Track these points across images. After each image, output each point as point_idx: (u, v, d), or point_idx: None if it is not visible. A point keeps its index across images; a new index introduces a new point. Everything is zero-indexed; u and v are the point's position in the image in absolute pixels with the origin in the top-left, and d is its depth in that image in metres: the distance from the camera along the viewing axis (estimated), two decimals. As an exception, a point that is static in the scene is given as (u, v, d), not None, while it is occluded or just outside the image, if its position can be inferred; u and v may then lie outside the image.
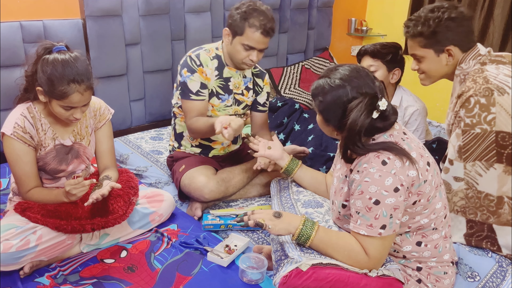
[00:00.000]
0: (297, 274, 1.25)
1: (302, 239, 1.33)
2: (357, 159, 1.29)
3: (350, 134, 1.25)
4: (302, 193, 1.71)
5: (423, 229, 1.34)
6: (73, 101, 1.50)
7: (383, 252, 1.28)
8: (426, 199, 1.29)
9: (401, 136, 1.32)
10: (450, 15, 1.64)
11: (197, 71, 1.96)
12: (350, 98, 1.27)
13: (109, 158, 1.80)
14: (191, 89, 1.96)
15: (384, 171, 1.22)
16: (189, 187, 1.95)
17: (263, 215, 1.37)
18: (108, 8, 2.50)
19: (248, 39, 1.88)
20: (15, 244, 1.47)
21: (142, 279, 1.54)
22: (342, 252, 1.29)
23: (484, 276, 1.58)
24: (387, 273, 1.28)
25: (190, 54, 1.99)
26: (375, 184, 1.22)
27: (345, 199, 1.37)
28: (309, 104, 3.31)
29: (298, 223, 1.34)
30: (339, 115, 1.30)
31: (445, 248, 1.38)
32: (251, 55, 1.92)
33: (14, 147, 1.55)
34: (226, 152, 2.20)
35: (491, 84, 1.56)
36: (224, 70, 2.03)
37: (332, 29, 3.86)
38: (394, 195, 1.22)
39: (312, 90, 1.37)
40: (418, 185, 1.26)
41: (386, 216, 1.23)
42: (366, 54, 2.20)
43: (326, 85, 1.31)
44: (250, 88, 2.13)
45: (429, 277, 1.38)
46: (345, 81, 1.29)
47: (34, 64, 1.53)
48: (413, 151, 1.28)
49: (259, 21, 1.86)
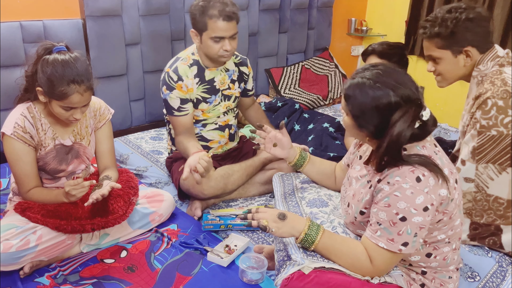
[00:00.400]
0: (299, 277, 1.23)
1: (306, 244, 1.30)
2: (389, 169, 1.21)
3: (393, 146, 1.16)
4: (307, 190, 1.66)
5: (437, 243, 1.30)
6: (73, 102, 1.50)
7: (389, 266, 1.25)
8: (449, 217, 1.25)
9: (433, 149, 1.25)
10: (468, 15, 1.60)
11: (175, 88, 1.94)
12: (392, 104, 1.17)
13: (109, 158, 1.80)
14: (173, 106, 1.97)
15: (417, 188, 1.15)
16: (188, 184, 1.95)
17: (267, 215, 1.33)
18: (108, 8, 2.50)
19: (214, 31, 1.85)
20: (15, 244, 1.47)
21: (142, 279, 1.55)
22: (346, 259, 1.26)
23: (484, 276, 1.58)
24: (389, 280, 1.26)
25: (168, 71, 1.97)
26: (405, 201, 1.16)
27: (364, 207, 1.31)
28: (309, 104, 3.31)
29: (302, 227, 1.30)
30: (376, 122, 1.20)
31: (453, 260, 1.35)
32: (224, 46, 1.88)
33: (14, 147, 1.55)
34: (224, 150, 2.20)
35: (509, 87, 1.54)
36: (205, 73, 2.01)
37: (332, 29, 3.86)
38: (422, 214, 1.16)
39: (345, 90, 1.25)
40: (446, 203, 1.21)
41: (411, 234, 1.17)
42: (373, 53, 2.17)
43: (364, 87, 1.19)
44: (235, 80, 2.12)
45: (434, 281, 1.35)
46: (385, 84, 1.18)
47: (34, 64, 1.53)
48: (445, 167, 1.21)
49: (217, 9, 1.82)
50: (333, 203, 1.58)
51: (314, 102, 3.39)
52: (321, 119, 2.70)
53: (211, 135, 2.12)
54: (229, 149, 2.23)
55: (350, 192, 1.41)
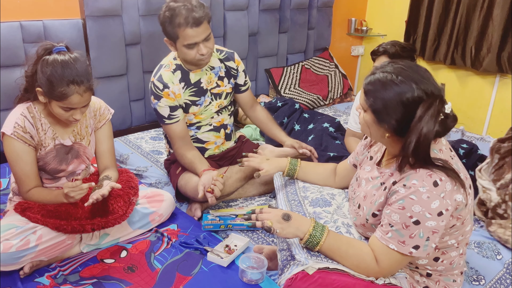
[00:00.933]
0: (302, 277, 1.22)
1: (311, 245, 1.29)
2: (406, 172, 1.19)
3: (423, 144, 1.13)
4: (309, 189, 1.65)
5: (446, 248, 1.30)
6: (73, 102, 1.50)
7: (396, 268, 1.24)
8: (462, 222, 1.24)
9: (449, 153, 1.23)
10: None
11: (163, 97, 1.92)
12: (416, 98, 1.15)
13: (109, 158, 1.80)
14: (163, 114, 1.95)
15: (434, 192, 1.13)
16: (185, 187, 1.95)
17: (272, 215, 1.32)
18: (108, 8, 2.50)
19: (185, 39, 1.80)
20: (15, 244, 1.47)
21: (142, 279, 1.55)
22: (351, 260, 1.25)
23: (490, 280, 1.56)
24: (394, 282, 1.25)
25: (153, 80, 1.94)
26: (420, 205, 1.14)
27: (377, 209, 1.29)
28: (309, 104, 3.31)
29: (307, 228, 1.29)
30: (399, 116, 1.17)
31: (459, 265, 1.35)
32: (199, 50, 1.83)
33: (15, 147, 1.55)
34: (221, 150, 2.17)
35: None
36: (190, 76, 1.98)
37: (332, 29, 3.86)
38: (436, 219, 1.15)
39: (366, 85, 1.22)
40: (461, 209, 1.20)
41: (423, 237, 1.16)
42: (385, 54, 2.13)
43: (387, 81, 1.17)
44: (223, 77, 2.08)
45: (438, 284, 1.34)
46: (409, 78, 1.16)
47: (34, 64, 1.53)
48: (461, 173, 1.20)
49: (183, 16, 1.75)
50: (336, 202, 1.56)
51: (314, 102, 3.39)
52: (321, 119, 2.70)
53: (206, 136, 2.10)
54: (227, 148, 2.20)
55: (361, 193, 1.38)
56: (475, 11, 3.20)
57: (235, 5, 3.08)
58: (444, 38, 3.41)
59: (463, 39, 3.31)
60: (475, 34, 3.22)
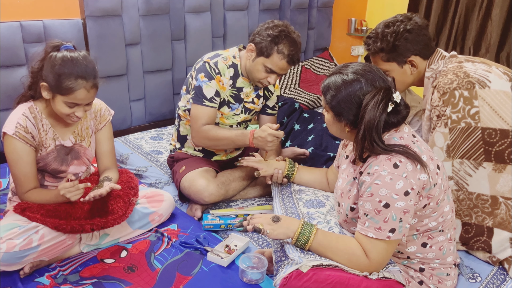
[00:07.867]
0: (297, 276, 1.24)
1: (300, 243, 1.33)
2: (367, 161, 1.28)
3: (368, 130, 1.22)
4: (304, 191, 1.71)
5: (430, 231, 1.34)
6: (78, 97, 1.51)
7: (385, 257, 1.27)
8: (435, 202, 1.28)
9: (411, 139, 1.30)
10: (406, 27, 1.69)
11: (215, 79, 1.93)
12: (365, 91, 1.26)
13: (110, 159, 1.81)
14: (206, 95, 1.93)
15: (395, 174, 1.20)
16: (189, 189, 1.95)
17: (262, 219, 1.37)
18: (108, 8, 2.50)
19: (273, 64, 1.87)
20: (18, 243, 1.47)
21: (142, 279, 1.55)
22: (342, 256, 1.29)
23: (485, 277, 1.58)
24: (388, 275, 1.28)
25: (208, 61, 1.94)
26: (385, 187, 1.20)
27: (353, 202, 1.35)
28: (309, 104, 3.32)
29: (296, 227, 1.34)
30: (353, 110, 1.28)
31: (449, 250, 1.38)
32: (270, 78, 1.91)
33: (16, 147, 1.55)
34: (228, 157, 2.19)
35: (472, 78, 1.59)
36: (238, 79, 2.01)
37: (332, 29, 3.86)
38: (404, 199, 1.20)
39: (322, 87, 1.34)
40: (429, 188, 1.25)
41: (396, 219, 1.21)
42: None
43: (340, 80, 1.29)
44: (260, 96, 2.11)
45: (432, 278, 1.37)
46: (359, 75, 1.28)
47: (41, 61, 1.54)
48: (423, 154, 1.27)
49: (288, 49, 1.84)
50: (330, 203, 1.60)
51: (314, 102, 3.39)
52: (321, 119, 2.70)
53: None
54: (233, 156, 2.21)
55: (338, 192, 1.45)
56: (474, 11, 3.21)
57: (235, 5, 3.08)
58: (443, 38, 3.41)
59: (462, 39, 3.32)
60: (474, 34, 3.22)
